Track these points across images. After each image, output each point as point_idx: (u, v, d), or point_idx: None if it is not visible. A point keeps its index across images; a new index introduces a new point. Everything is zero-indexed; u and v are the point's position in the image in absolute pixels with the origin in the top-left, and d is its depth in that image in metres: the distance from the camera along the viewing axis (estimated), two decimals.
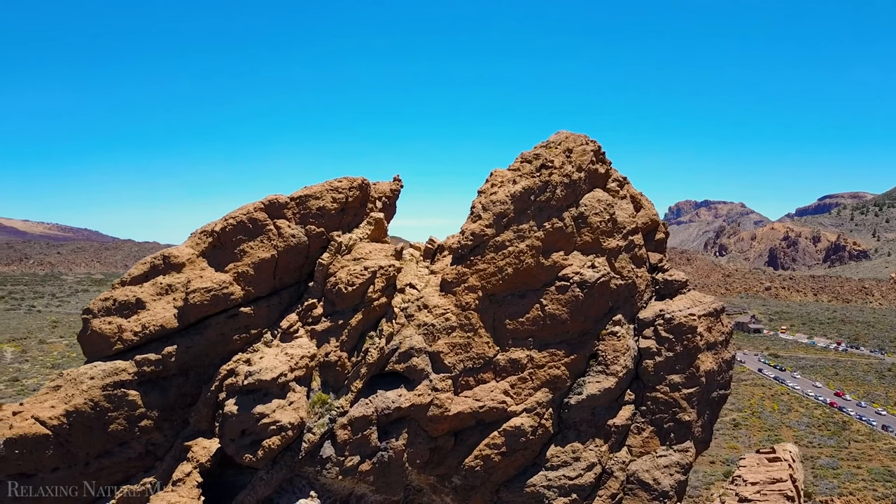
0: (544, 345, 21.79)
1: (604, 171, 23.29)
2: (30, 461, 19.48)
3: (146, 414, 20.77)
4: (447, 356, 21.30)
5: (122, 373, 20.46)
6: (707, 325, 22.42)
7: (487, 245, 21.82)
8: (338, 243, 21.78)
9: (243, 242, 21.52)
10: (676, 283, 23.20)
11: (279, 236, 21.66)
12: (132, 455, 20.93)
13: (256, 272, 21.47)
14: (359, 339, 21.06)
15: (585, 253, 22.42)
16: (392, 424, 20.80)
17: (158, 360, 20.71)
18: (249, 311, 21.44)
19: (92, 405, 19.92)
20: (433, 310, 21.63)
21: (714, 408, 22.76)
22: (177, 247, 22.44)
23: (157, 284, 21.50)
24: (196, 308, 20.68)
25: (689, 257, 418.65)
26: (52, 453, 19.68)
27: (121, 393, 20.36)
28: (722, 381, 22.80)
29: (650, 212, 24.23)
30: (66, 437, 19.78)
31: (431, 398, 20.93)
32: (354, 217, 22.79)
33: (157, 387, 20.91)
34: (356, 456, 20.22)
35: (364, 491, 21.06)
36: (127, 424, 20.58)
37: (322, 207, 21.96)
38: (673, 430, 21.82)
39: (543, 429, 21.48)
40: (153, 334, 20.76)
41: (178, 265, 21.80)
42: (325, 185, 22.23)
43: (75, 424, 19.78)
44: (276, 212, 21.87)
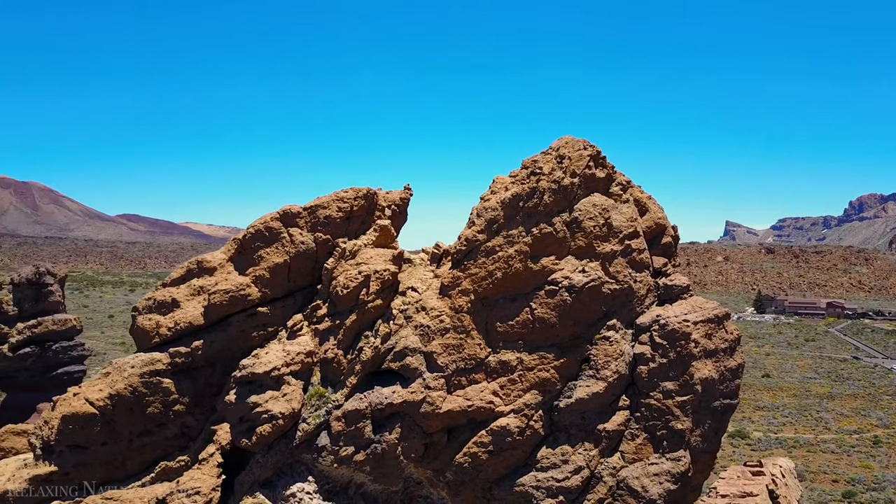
0: (534, 348, 22.22)
1: (603, 175, 23.22)
2: (81, 435, 22.99)
3: (179, 400, 23.71)
4: (440, 356, 22.38)
5: (158, 363, 23.55)
6: (705, 331, 21.70)
7: (479, 250, 22.66)
8: (342, 249, 23.60)
9: (261, 249, 23.94)
10: (676, 288, 22.62)
11: (291, 243, 23.85)
12: (168, 435, 23.97)
13: (272, 275, 23.81)
14: (354, 339, 22.73)
15: (579, 258, 22.54)
16: (387, 419, 22.21)
17: (188, 353, 23.58)
18: (266, 311, 23.82)
19: (131, 390, 23.11)
20: (430, 312, 22.80)
21: (718, 418, 21.96)
22: (211, 253, 25.34)
23: (191, 286, 24.45)
24: (217, 307, 23.33)
25: (868, 257, 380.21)
26: (99, 430, 23.08)
27: (156, 380, 23.44)
28: (726, 391, 21.93)
29: (656, 215, 23.74)
30: (110, 416, 23.12)
31: (424, 396, 22.10)
32: (361, 225, 24.52)
33: (187, 376, 23.80)
34: (350, 446, 21.89)
35: (363, 480, 22.65)
36: (162, 408, 23.63)
37: (328, 216, 23.90)
38: (666, 438, 21.40)
39: (532, 430, 21.92)
40: (184, 330, 23.68)
41: (211, 269, 24.66)
42: (332, 196, 24.17)
43: (118, 406, 23.06)
44: (289, 220, 24.10)
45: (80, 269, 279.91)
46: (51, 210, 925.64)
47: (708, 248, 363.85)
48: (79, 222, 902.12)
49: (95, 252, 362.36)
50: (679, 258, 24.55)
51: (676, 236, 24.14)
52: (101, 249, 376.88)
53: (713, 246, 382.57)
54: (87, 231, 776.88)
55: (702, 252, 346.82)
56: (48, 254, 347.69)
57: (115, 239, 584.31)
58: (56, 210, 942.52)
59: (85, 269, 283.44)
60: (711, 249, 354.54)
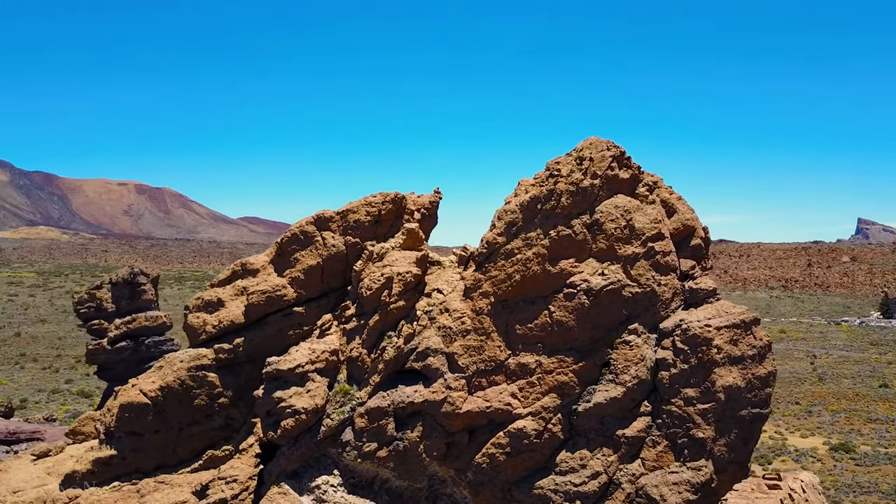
0: (553, 351, 22.14)
1: (627, 175, 22.75)
2: (137, 423, 25.07)
3: (223, 393, 25.36)
4: (461, 357, 22.75)
5: (203, 358, 25.29)
6: (729, 337, 20.79)
7: (499, 253, 22.83)
8: (370, 252, 24.44)
9: (297, 251, 25.20)
10: (702, 292, 21.77)
11: (324, 246, 24.96)
12: (215, 426, 25.67)
13: (307, 277, 25.01)
14: (378, 338, 23.50)
15: (600, 260, 22.23)
16: (409, 417, 22.83)
17: (230, 350, 25.18)
18: (302, 311, 25.04)
19: (180, 383, 24.95)
20: (452, 313, 23.22)
21: (746, 427, 20.97)
22: (255, 255, 26.89)
23: (235, 287, 26.07)
24: (255, 307, 24.78)
25: None
26: (152, 419, 25.07)
27: (202, 374, 25.18)
28: (755, 400, 20.90)
29: (684, 216, 22.92)
30: (161, 406, 25.06)
31: (445, 396, 22.55)
32: (390, 228, 25.29)
33: (231, 371, 25.40)
34: (373, 443, 22.68)
35: (388, 475, 23.38)
36: (208, 400, 25.34)
37: (357, 220, 24.82)
38: (687, 447, 20.73)
39: (550, 433, 21.86)
40: (227, 328, 25.30)
41: (254, 271, 26.19)
42: (362, 200, 25.08)
43: (168, 397, 24.96)
44: (322, 224, 25.22)
45: (202, 268, 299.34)
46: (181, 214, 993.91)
47: (833, 247, 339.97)
48: (205, 225, 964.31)
49: (217, 253, 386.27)
50: (710, 260, 23.64)
51: (707, 238, 23.27)
52: (223, 250, 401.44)
53: (839, 245, 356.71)
54: (212, 233, 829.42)
55: (826, 252, 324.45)
56: (176, 255, 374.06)
57: (237, 240, 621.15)
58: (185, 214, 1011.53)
59: (207, 268, 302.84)
60: (837, 249, 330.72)
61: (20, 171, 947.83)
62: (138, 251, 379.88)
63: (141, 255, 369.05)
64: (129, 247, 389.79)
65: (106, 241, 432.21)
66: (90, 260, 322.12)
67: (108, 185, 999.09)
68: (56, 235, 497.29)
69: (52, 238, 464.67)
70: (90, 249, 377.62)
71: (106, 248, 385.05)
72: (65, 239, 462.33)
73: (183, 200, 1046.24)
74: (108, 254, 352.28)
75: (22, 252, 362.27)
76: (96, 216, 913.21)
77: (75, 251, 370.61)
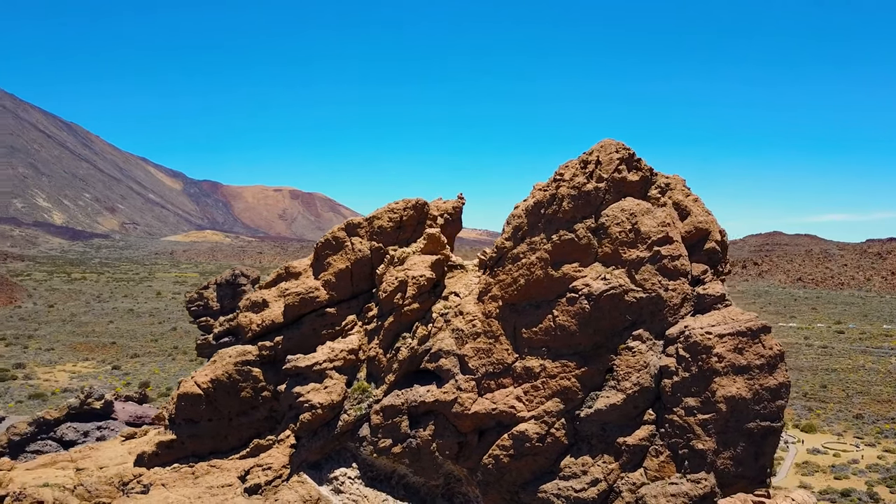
0: (557, 355, 22.02)
1: (637, 178, 22.12)
2: (192, 412, 27.70)
3: (266, 387, 27.42)
4: (471, 359, 23.23)
5: (248, 354, 27.48)
6: (733, 345, 19.66)
7: (507, 257, 23.05)
8: (391, 256, 25.47)
9: (329, 256, 26.75)
10: (710, 298, 20.69)
11: (352, 250, 26.31)
12: (260, 417, 27.81)
13: (338, 280, 26.48)
14: (393, 339, 24.46)
15: (606, 265, 21.80)
16: (422, 416, 23.63)
17: (271, 347, 27.18)
18: (333, 311, 26.56)
19: (227, 376, 27.29)
20: (465, 316, 23.75)
21: (756, 441, 19.75)
22: (299, 259, 28.78)
23: (279, 289, 28.07)
24: (291, 308, 26.60)
25: None
26: (204, 408, 27.60)
27: (247, 369, 27.38)
28: (764, 412, 19.61)
29: (697, 219, 21.84)
30: (213, 397, 27.53)
31: (455, 396, 23.15)
32: (413, 233, 26.14)
33: (273, 366, 27.40)
34: (388, 439, 23.69)
35: (405, 471, 24.31)
36: (253, 393, 27.50)
37: (381, 226, 25.93)
38: (687, 458, 19.88)
39: (553, 438, 21.81)
40: (269, 326, 27.33)
41: (296, 274, 28.08)
42: (385, 207, 26.15)
43: (218, 389, 27.38)
44: (352, 231, 26.59)
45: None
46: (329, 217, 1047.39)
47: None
48: None
49: None
50: (727, 264, 22.41)
51: (724, 241, 22.08)
52: None
53: None
54: None
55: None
56: None
57: None
58: (334, 217, 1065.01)
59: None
60: None
61: (191, 180, 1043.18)
62: (288, 252, 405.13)
63: (291, 256, 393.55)
64: (281, 248, 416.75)
65: (261, 244, 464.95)
66: (247, 261, 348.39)
67: (265, 192, 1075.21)
68: (219, 238, 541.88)
69: (216, 241, 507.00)
70: (247, 251, 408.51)
71: (261, 249, 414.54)
72: (226, 242, 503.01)
73: (332, 204, 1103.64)
74: (262, 255, 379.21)
75: (190, 254, 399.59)
76: (255, 220, 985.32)
77: (235, 253, 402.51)
